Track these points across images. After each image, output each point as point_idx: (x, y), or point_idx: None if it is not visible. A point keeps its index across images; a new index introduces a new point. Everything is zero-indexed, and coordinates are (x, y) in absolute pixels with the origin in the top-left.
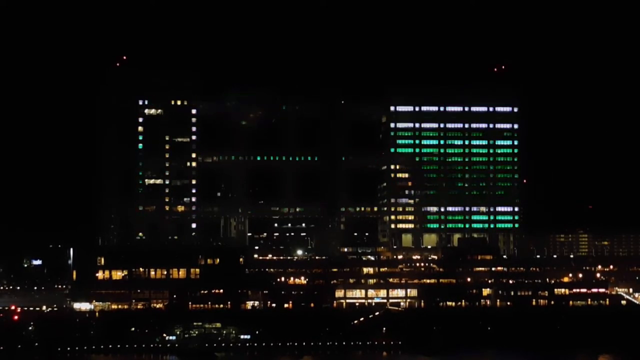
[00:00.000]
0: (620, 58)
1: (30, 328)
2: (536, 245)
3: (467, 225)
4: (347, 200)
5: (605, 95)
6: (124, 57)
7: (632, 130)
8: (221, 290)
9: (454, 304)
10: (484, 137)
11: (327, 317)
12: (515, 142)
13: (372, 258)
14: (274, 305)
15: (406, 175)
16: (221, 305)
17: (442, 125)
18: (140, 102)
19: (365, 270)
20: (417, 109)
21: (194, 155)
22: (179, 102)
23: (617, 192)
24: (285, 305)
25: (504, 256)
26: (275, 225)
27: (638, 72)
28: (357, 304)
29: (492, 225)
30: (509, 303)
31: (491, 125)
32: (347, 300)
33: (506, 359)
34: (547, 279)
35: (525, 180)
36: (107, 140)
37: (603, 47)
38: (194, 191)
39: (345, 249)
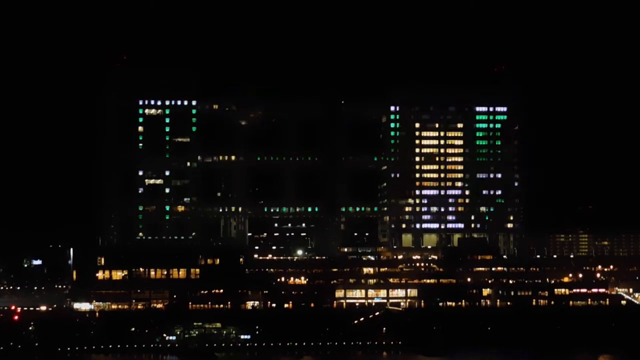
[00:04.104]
0: (620, 58)
1: (30, 328)
2: (536, 245)
3: (467, 225)
4: (347, 200)
5: (605, 95)
6: (124, 57)
7: (632, 130)
8: (221, 290)
9: (454, 304)
10: (484, 137)
11: (327, 317)
12: (515, 142)
13: (372, 258)
14: (274, 305)
15: (406, 175)
16: (221, 305)
17: (442, 125)
18: (140, 102)
19: (365, 270)
20: (417, 109)
21: (194, 155)
22: (179, 102)
23: (617, 192)
24: (285, 305)
25: (504, 256)
26: (275, 225)
27: (638, 72)
28: (357, 304)
29: (492, 226)
30: (509, 303)
31: (491, 125)
32: (347, 300)
33: (506, 359)
34: (547, 279)
35: (525, 180)
36: (107, 140)
37: (603, 47)
38: (194, 191)
39: (345, 249)
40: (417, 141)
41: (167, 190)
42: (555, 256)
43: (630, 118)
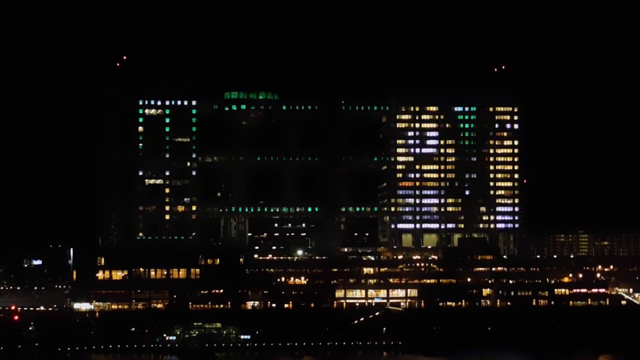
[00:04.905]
0: (620, 58)
1: (30, 328)
2: (536, 245)
3: (467, 225)
4: (347, 200)
5: (605, 95)
6: (124, 57)
7: (632, 130)
8: (221, 290)
9: (454, 304)
10: (484, 137)
11: (327, 317)
12: (515, 142)
13: (372, 258)
14: (274, 305)
15: (406, 175)
16: (221, 305)
17: (442, 125)
18: (140, 102)
19: (365, 270)
20: (417, 109)
21: (194, 155)
22: (179, 102)
23: (617, 192)
24: (285, 305)
25: (504, 256)
26: (275, 225)
27: (638, 72)
28: (357, 304)
29: (492, 225)
30: (509, 303)
31: (491, 125)
32: (347, 300)
33: (506, 359)
34: (547, 279)
35: (525, 180)
36: (107, 140)
37: (603, 47)
38: (194, 191)
39: (345, 249)
40: (417, 141)
41: (167, 190)
42: (555, 256)
43: (630, 118)
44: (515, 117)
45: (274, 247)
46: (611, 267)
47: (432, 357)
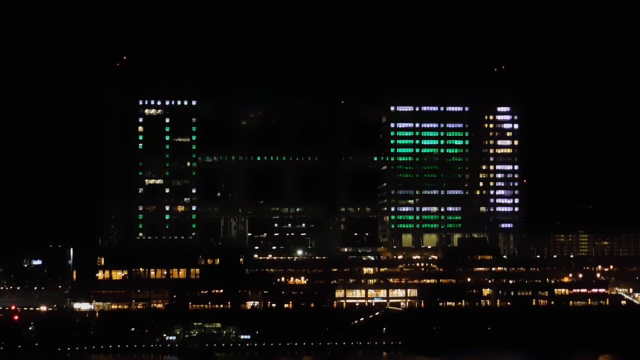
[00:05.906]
0: (620, 58)
1: (30, 328)
2: (536, 245)
3: (467, 225)
4: (347, 200)
5: (605, 95)
6: (124, 57)
7: (632, 130)
8: (221, 290)
9: (454, 304)
10: (483, 137)
11: (327, 317)
12: (515, 142)
13: (372, 258)
14: (274, 305)
15: (406, 175)
16: (221, 305)
17: (442, 125)
18: (140, 102)
19: (365, 270)
20: (417, 109)
21: (194, 155)
22: (179, 102)
23: (617, 192)
24: (285, 305)
25: (504, 256)
26: (275, 225)
27: (638, 72)
28: (357, 304)
29: (492, 226)
30: (509, 303)
31: (491, 125)
32: (347, 300)
33: (506, 359)
34: (547, 279)
35: (525, 180)
36: (107, 140)
37: (603, 47)
38: (194, 191)
39: (345, 249)
40: (417, 141)
41: (167, 190)
42: (555, 256)
43: (630, 118)
44: (515, 117)
45: (274, 247)
46: (611, 267)
47: (432, 357)
